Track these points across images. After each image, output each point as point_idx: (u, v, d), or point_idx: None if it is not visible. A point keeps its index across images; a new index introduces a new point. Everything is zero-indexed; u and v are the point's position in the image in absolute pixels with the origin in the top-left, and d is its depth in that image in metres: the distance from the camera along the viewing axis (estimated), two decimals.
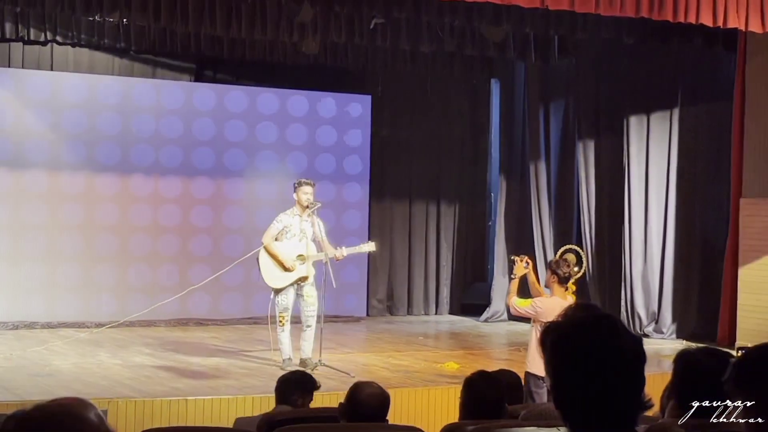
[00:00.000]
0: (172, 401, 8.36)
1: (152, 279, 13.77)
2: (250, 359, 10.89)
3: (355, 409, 4.84)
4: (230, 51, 13.70)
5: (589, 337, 2.24)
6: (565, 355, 2.25)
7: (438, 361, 10.82)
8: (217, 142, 14.21)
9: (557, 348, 2.27)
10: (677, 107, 12.97)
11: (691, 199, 12.92)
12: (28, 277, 13.15)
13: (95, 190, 13.52)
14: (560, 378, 2.26)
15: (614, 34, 12.02)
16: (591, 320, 2.28)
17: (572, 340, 2.24)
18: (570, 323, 2.29)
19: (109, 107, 13.62)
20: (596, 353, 2.22)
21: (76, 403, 2.04)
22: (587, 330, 2.26)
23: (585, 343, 2.23)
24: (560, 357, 2.26)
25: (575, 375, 2.23)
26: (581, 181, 14.14)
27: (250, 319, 13.88)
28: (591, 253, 13.74)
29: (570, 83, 14.60)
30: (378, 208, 15.39)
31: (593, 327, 2.26)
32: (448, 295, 15.95)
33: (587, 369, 2.21)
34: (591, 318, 2.29)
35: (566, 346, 2.25)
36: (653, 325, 13.07)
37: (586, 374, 2.21)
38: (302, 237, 9.86)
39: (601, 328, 2.25)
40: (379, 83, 15.34)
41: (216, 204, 14.19)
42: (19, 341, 11.78)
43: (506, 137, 15.73)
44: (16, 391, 8.94)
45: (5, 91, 13.08)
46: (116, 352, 11.13)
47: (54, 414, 2.01)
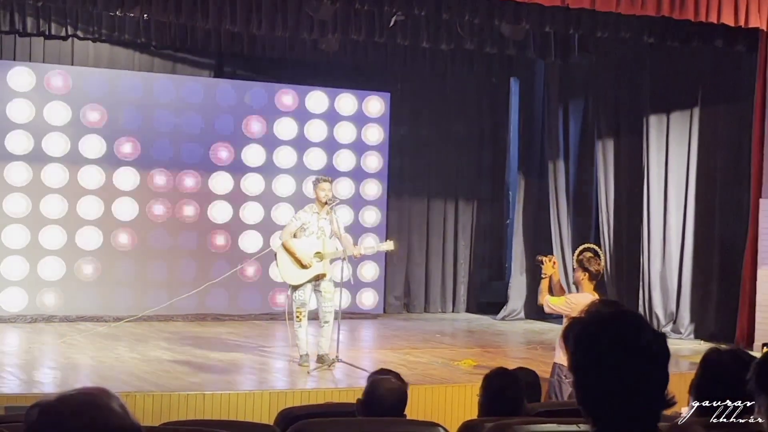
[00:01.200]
0: (189, 395, 8.38)
1: (170, 274, 13.81)
2: (267, 355, 10.91)
3: (374, 403, 4.81)
4: (250, 47, 13.74)
5: (613, 333, 2.23)
6: (589, 350, 2.24)
7: (455, 359, 10.81)
8: (237, 138, 14.23)
9: (581, 343, 2.26)
10: (697, 107, 12.92)
11: (710, 200, 12.86)
12: (47, 270, 13.20)
13: (114, 185, 13.56)
14: (583, 373, 2.25)
15: (635, 34, 11.98)
16: (615, 316, 2.28)
17: (596, 335, 2.24)
18: (594, 318, 2.28)
19: (129, 102, 13.65)
20: (620, 349, 2.21)
21: (100, 393, 2.04)
22: (611, 325, 2.25)
23: (609, 339, 2.22)
24: (584, 352, 2.25)
25: (599, 370, 2.22)
26: (600, 180, 14.11)
27: (268, 315, 13.91)
28: (609, 252, 13.72)
29: (590, 82, 14.57)
30: (396, 205, 15.39)
31: (618, 322, 2.26)
32: (465, 293, 15.94)
33: (611, 364, 2.21)
34: (615, 313, 2.29)
35: (590, 341, 2.24)
36: (671, 325, 13.02)
37: (609, 369, 2.20)
38: (320, 234, 9.86)
39: (625, 324, 2.25)
40: (398, 81, 15.33)
41: (234, 200, 14.21)
42: (37, 334, 11.83)
43: (525, 136, 15.72)
44: (36, 384, 9.00)
45: (26, 86, 13.13)
46: (134, 346, 11.16)
47: (78, 403, 2.01)
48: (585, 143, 14.59)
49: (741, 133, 12.46)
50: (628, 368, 2.20)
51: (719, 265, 12.76)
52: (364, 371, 9.58)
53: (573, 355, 2.27)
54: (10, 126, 13.04)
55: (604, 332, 2.24)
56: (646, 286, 13.29)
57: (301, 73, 14.62)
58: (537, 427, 3.57)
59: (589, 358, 2.24)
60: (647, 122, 13.39)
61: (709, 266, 12.85)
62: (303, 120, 14.58)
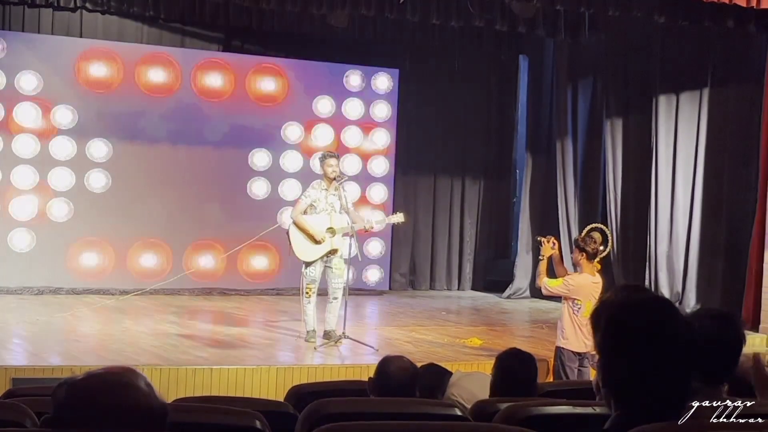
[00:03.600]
0: (197, 369, 8.41)
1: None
2: (274, 330, 10.94)
3: (385, 383, 4.83)
4: (259, 22, 13.70)
5: (644, 318, 2.23)
6: (618, 333, 2.24)
7: (461, 337, 10.83)
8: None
9: (610, 326, 2.26)
10: (707, 87, 12.86)
11: (718, 181, 12.82)
12: (54, 243, 13.21)
13: (122, 158, 13.54)
14: (610, 355, 2.25)
15: (646, 13, 11.91)
16: (649, 301, 2.28)
17: (626, 320, 2.24)
18: (627, 303, 2.28)
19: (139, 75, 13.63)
20: (649, 334, 2.21)
21: (126, 372, 2.05)
22: (643, 310, 2.25)
23: (639, 324, 2.22)
24: (612, 335, 2.25)
25: (626, 354, 2.22)
26: (608, 159, 14.08)
27: (274, 290, 13.93)
28: (616, 232, 13.70)
29: (599, 61, 14.51)
30: (403, 182, 15.37)
31: (649, 308, 2.25)
32: (470, 270, 15.94)
33: (638, 349, 2.20)
34: (647, 299, 2.28)
35: (619, 325, 2.24)
36: (677, 305, 12.98)
37: (636, 354, 2.20)
38: (330, 211, 9.87)
39: (656, 310, 2.25)
40: (407, 57, 15.28)
41: (241, 176, 14.19)
42: (44, 307, 11.86)
43: (533, 114, 15.68)
44: (42, 356, 9.02)
45: (34, 57, 13.10)
46: (141, 319, 11.19)
47: (105, 382, 2.01)
48: (593, 122, 14.55)
49: (751, 114, 12.41)
50: (655, 354, 2.20)
51: (726, 247, 12.74)
52: (370, 348, 9.62)
53: (602, 337, 2.27)
54: (20, 98, 13.02)
55: (634, 317, 2.24)
56: (652, 265, 13.29)
57: (309, 49, 14.58)
58: (552, 409, 3.57)
59: (617, 341, 2.23)
60: (656, 102, 13.35)
61: (716, 247, 12.82)
62: (311, 96, 14.54)
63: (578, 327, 8.00)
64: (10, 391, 5.27)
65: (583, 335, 7.93)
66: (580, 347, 8.01)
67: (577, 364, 8.04)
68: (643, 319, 2.23)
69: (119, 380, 2.01)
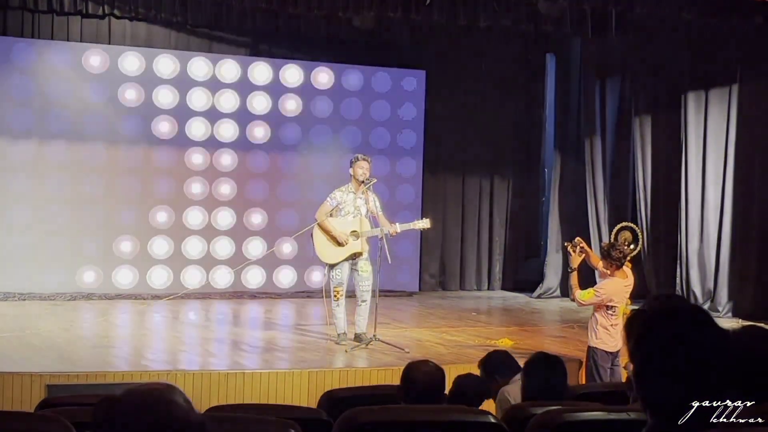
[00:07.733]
0: (229, 374, 8.44)
1: (207, 252, 13.89)
2: (304, 333, 10.95)
3: (412, 389, 4.76)
4: (286, 25, 13.75)
5: (679, 326, 2.23)
6: (652, 342, 2.24)
7: (492, 337, 10.81)
8: (272, 116, 14.26)
9: (644, 334, 2.26)
10: (736, 84, 12.79)
11: (749, 177, 12.75)
12: (86, 249, 13.31)
13: (152, 163, 13.65)
14: (644, 364, 2.25)
15: (673, 10, 11.87)
16: (681, 311, 2.28)
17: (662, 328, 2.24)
18: (663, 312, 2.28)
19: (166, 81, 13.71)
20: (688, 344, 2.21)
21: (164, 388, 2.08)
22: (677, 320, 2.25)
23: (675, 332, 2.22)
24: (647, 343, 2.25)
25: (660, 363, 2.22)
26: (637, 157, 14.04)
27: (304, 293, 13.98)
28: (646, 229, 13.65)
29: (627, 59, 14.46)
30: (431, 182, 15.37)
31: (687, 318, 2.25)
32: (500, 270, 15.92)
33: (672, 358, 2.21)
34: (684, 309, 2.29)
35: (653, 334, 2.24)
36: (708, 303, 12.95)
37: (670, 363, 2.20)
38: (356, 213, 9.87)
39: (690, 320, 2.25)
40: (433, 58, 15.27)
41: (271, 178, 14.26)
42: (76, 312, 11.94)
43: (561, 112, 15.64)
44: (76, 362, 9.07)
45: (63, 65, 13.22)
46: (172, 324, 11.25)
47: (144, 399, 2.04)
48: (622, 120, 14.50)
49: None
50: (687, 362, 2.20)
51: (758, 244, 12.66)
52: (402, 350, 9.60)
53: (637, 347, 2.27)
54: (51, 104, 13.14)
55: (667, 325, 2.24)
56: (683, 263, 13.23)
57: (336, 51, 14.62)
58: (587, 415, 3.56)
59: (651, 350, 2.23)
60: (685, 99, 13.29)
61: (747, 244, 12.75)
62: (338, 98, 14.58)
63: (611, 326, 7.98)
64: (45, 401, 5.25)
65: (616, 334, 7.92)
66: (613, 346, 7.99)
67: (610, 363, 8.03)
68: (676, 328, 2.23)
69: (159, 397, 2.04)
